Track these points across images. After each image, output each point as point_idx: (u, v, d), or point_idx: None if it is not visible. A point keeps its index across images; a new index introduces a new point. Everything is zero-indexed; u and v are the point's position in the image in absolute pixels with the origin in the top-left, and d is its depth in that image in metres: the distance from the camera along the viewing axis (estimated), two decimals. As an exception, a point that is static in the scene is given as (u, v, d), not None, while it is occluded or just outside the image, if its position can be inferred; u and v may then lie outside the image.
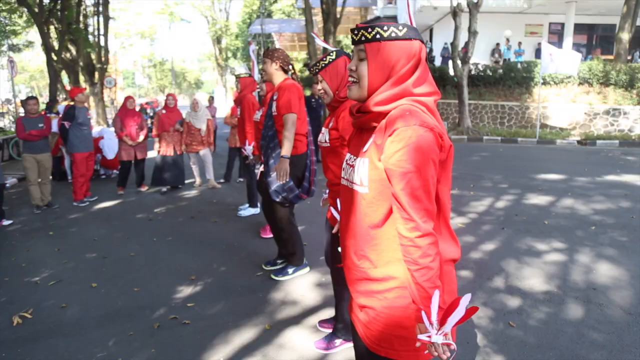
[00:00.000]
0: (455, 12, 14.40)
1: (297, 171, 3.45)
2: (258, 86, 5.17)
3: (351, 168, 1.39)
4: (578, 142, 13.09)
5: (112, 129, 10.24)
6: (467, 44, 14.55)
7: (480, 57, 18.03)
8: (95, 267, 4.14)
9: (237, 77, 5.38)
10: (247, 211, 5.81)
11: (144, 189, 7.31)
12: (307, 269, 3.89)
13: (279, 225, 3.67)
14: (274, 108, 3.41)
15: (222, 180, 7.86)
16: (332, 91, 2.37)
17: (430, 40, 22.34)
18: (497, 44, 18.54)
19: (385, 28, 1.26)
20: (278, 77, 3.44)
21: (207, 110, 7.56)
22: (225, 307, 3.32)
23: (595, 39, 20.69)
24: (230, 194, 7.03)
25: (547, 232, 4.90)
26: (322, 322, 3.02)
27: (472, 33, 14.14)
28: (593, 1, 17.14)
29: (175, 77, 49.43)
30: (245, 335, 2.93)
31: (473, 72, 15.99)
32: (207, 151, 7.38)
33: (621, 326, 3.01)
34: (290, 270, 3.79)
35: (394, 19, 23.96)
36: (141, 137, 7.08)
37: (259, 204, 5.86)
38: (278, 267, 3.92)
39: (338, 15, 16.94)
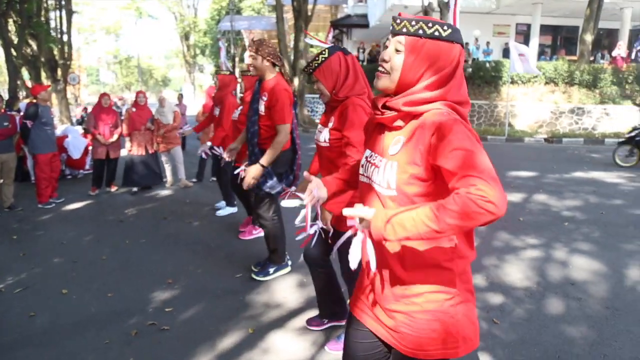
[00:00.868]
0: (426, 12, 14.57)
1: (280, 167, 3.37)
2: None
3: (373, 167, 1.34)
4: (545, 139, 13.45)
5: (77, 127, 9.93)
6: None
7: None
8: (64, 272, 3.94)
9: (217, 73, 5.22)
10: (225, 210, 5.69)
11: (114, 189, 7.06)
12: (289, 268, 3.82)
13: (262, 221, 3.58)
14: (262, 107, 3.29)
15: (194, 180, 7.68)
16: (329, 91, 2.29)
17: (401, 40, 22.50)
18: (466, 44, 18.83)
19: (430, 25, 1.22)
20: (269, 72, 3.31)
21: (173, 105, 7.37)
22: (205, 311, 3.21)
23: (560, 40, 21.31)
24: (203, 194, 6.87)
25: (523, 228, 4.98)
26: (311, 321, 2.96)
27: (443, 32, 14.28)
28: (558, 3, 17.63)
29: (141, 74, 48.32)
30: (228, 340, 2.83)
31: (444, 71, 16.18)
32: (177, 149, 7.20)
33: (600, 320, 3.06)
34: (271, 270, 3.71)
35: (364, 17, 24.09)
36: (115, 136, 6.83)
37: (236, 203, 5.79)
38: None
39: (309, 13, 16.88)
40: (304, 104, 17.14)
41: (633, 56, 17.16)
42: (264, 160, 3.20)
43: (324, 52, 2.29)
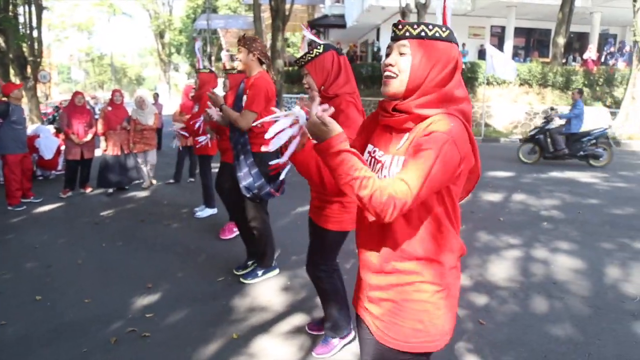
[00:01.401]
0: (404, 13, 14.67)
1: (267, 168, 3.30)
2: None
3: (378, 163, 1.38)
4: (520, 140, 13.68)
5: (48, 126, 9.60)
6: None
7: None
8: (38, 277, 3.78)
9: (197, 72, 5.10)
10: (204, 212, 5.58)
11: (88, 190, 6.85)
12: (277, 270, 3.76)
13: (251, 224, 3.51)
14: (244, 102, 3.23)
15: (171, 181, 7.53)
16: (317, 86, 2.25)
17: (378, 40, 22.66)
18: (443, 45, 19.03)
19: (431, 27, 1.29)
20: (254, 68, 3.25)
21: (153, 107, 7.22)
22: (187, 316, 3.12)
23: (533, 42, 21.77)
24: (181, 195, 6.73)
25: (503, 228, 5.03)
26: (311, 326, 2.90)
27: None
28: (531, 6, 18.00)
29: (115, 72, 47.36)
30: (211, 346, 2.75)
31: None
32: (153, 151, 7.08)
33: (583, 319, 3.10)
34: (259, 272, 3.64)
35: (341, 17, 24.15)
36: (89, 136, 6.63)
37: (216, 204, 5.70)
38: (249, 269, 3.75)
39: (287, 12, 16.79)
40: (282, 104, 17.04)
41: (603, 59, 17.63)
42: (228, 110, 3.21)
43: (318, 48, 2.26)
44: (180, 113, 7.11)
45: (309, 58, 2.25)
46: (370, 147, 1.46)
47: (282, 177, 2.43)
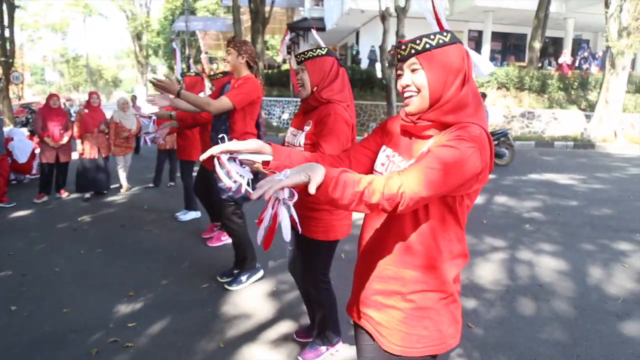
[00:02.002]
0: (384, 16, 14.72)
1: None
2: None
3: (397, 168, 1.35)
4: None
5: (22, 129, 9.33)
6: (394, 47, 14.92)
7: (405, 61, 18.60)
8: (13, 286, 3.63)
9: (183, 75, 5.01)
10: (187, 215, 5.49)
11: (64, 195, 6.66)
12: (261, 272, 3.69)
13: (227, 226, 3.44)
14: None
15: (151, 185, 7.38)
16: (311, 86, 2.20)
17: (357, 43, 22.75)
18: (422, 49, 19.22)
19: (432, 36, 1.28)
20: (242, 71, 3.20)
21: (133, 110, 7.09)
22: (171, 325, 3.03)
23: (509, 46, 22.15)
24: (161, 199, 6.60)
25: (487, 231, 5.06)
26: (299, 333, 2.84)
27: (400, 37, 14.52)
28: (507, 12, 18.30)
29: (90, 74, 46.48)
30: (197, 355, 2.68)
31: (400, 75, 16.43)
32: (130, 155, 6.96)
33: (569, 321, 3.13)
34: (243, 278, 3.57)
35: (320, 20, 24.17)
36: (65, 139, 6.44)
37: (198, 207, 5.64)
38: (234, 276, 3.68)
39: (267, 15, 16.72)
40: (262, 107, 16.93)
41: (577, 64, 18.05)
42: (185, 93, 2.92)
43: (322, 49, 2.23)
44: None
45: (311, 55, 2.21)
46: (389, 151, 1.43)
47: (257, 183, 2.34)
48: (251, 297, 3.42)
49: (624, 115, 14.89)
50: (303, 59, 2.23)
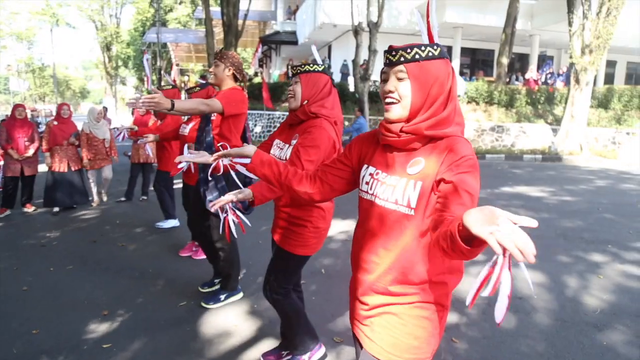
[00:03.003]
0: (356, 31, 14.92)
1: (232, 186, 3.17)
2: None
3: (383, 184, 1.37)
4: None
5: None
6: (366, 61, 15.13)
7: (376, 75, 18.88)
8: (-24, 307, 3.43)
9: (160, 88, 4.93)
10: (167, 223, 5.44)
11: (30, 209, 6.39)
12: (241, 294, 3.60)
13: (217, 244, 3.35)
14: (213, 115, 3.10)
15: (123, 199, 7.17)
16: (302, 99, 2.18)
17: (329, 57, 22.96)
18: (394, 63, 19.54)
19: (423, 48, 1.30)
20: (227, 84, 3.14)
21: (105, 120, 6.91)
22: (148, 345, 2.91)
23: (477, 62, 22.74)
24: (134, 214, 6.41)
25: (465, 243, 5.09)
26: (267, 355, 2.76)
27: (372, 51, 14.74)
28: (476, 28, 18.84)
29: (57, 84, 45.32)
30: (178, 377, 2.57)
31: (372, 89, 16.64)
32: (110, 167, 6.76)
33: (551, 333, 3.15)
34: (222, 297, 3.46)
35: (292, 34, 24.31)
36: (31, 151, 6.21)
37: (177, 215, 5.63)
38: (213, 288, 3.57)
39: (239, 28, 16.69)
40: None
41: (543, 79, 18.67)
42: (177, 103, 2.76)
43: (319, 65, 2.23)
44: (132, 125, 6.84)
45: (307, 69, 2.21)
46: (371, 169, 1.43)
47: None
48: (231, 315, 3.33)
49: (589, 129, 15.43)
50: (299, 71, 2.22)
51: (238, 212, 2.19)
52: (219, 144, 3.01)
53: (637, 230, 5.87)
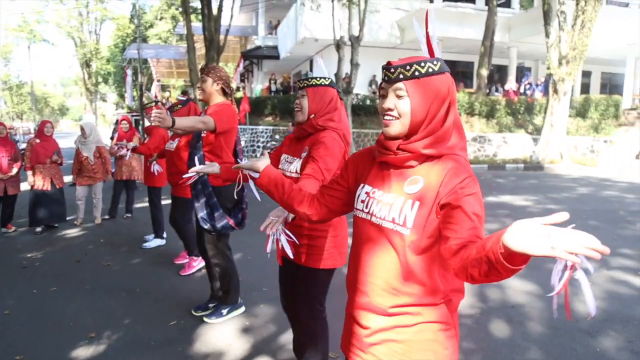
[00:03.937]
0: (338, 45, 15.07)
1: (227, 201, 3.13)
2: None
3: (379, 203, 1.34)
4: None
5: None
6: (348, 75, 15.28)
7: (358, 88, 19.04)
8: (-43, 333, 3.30)
9: (147, 106, 4.91)
10: (153, 242, 5.38)
11: (11, 229, 6.22)
12: (243, 308, 3.55)
13: (212, 260, 3.30)
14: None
15: (106, 217, 7.04)
16: (309, 112, 2.18)
17: (311, 71, 23.07)
18: (374, 76, 19.76)
19: (422, 64, 1.27)
20: (216, 98, 3.12)
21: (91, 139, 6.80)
22: (139, 367, 2.83)
23: (457, 73, 23.10)
24: (118, 232, 6.29)
25: (454, 253, 5.11)
26: None
27: (355, 65, 14.90)
28: (455, 41, 19.14)
29: (35, 102, 44.64)
30: (171, 400, 2.50)
31: (355, 102, 16.76)
32: (100, 184, 6.67)
33: (545, 341, 3.16)
34: (224, 311, 3.40)
35: (274, 48, 24.41)
36: (14, 170, 6.07)
37: (165, 235, 5.58)
38: (210, 310, 3.50)
39: (221, 43, 16.70)
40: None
41: (522, 90, 19.07)
42: (178, 120, 2.60)
43: (326, 79, 2.23)
44: (116, 143, 6.75)
45: (314, 83, 2.20)
46: (367, 188, 1.41)
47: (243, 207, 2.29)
48: (224, 333, 3.26)
49: (568, 138, 15.76)
50: (306, 84, 2.21)
51: (288, 232, 2.06)
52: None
53: (622, 237, 5.97)
